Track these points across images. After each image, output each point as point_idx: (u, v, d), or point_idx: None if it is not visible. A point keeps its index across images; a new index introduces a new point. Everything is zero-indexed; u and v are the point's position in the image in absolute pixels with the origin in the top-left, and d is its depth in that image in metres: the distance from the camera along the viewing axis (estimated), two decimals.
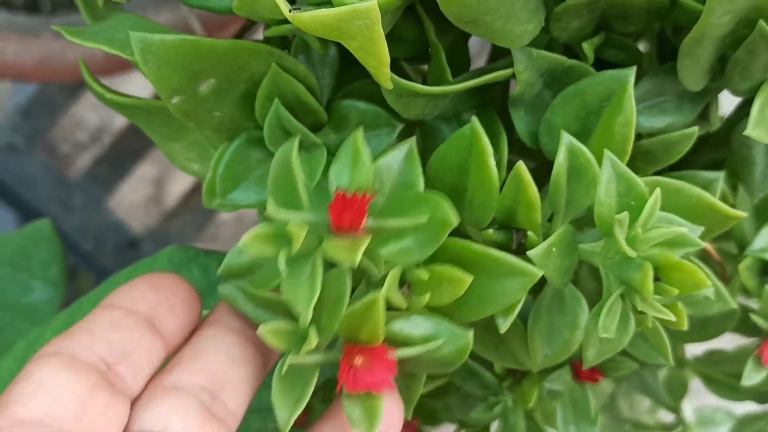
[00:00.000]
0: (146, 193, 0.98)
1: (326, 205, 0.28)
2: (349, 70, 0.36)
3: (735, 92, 0.34)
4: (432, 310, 0.31)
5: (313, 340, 0.28)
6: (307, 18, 0.26)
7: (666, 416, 0.57)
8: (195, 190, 0.98)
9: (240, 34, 0.37)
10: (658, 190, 0.30)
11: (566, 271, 0.32)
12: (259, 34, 0.37)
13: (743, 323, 0.44)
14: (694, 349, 0.52)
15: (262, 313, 0.31)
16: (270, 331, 0.28)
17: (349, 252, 0.27)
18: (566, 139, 0.31)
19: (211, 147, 0.37)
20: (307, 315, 0.27)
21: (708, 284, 0.29)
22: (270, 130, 0.33)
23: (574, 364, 0.43)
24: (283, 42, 0.35)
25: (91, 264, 0.92)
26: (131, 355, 0.30)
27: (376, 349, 0.28)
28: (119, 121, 0.98)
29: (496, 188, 0.32)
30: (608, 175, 0.31)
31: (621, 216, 0.30)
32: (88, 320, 0.30)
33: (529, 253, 0.30)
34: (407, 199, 0.30)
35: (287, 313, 0.29)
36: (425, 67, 0.41)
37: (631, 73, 0.32)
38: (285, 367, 0.28)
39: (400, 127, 0.34)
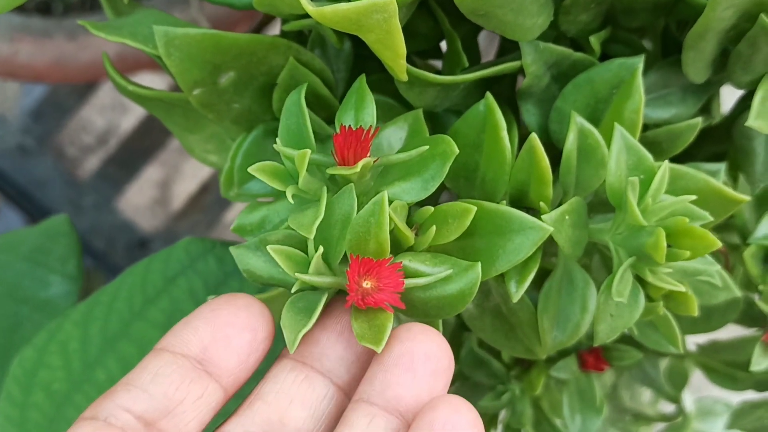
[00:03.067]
0: (152, 195, 0.99)
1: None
2: (362, 65, 0.37)
3: (737, 85, 0.35)
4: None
5: (319, 250, 0.28)
6: (328, 12, 0.27)
7: (666, 407, 0.58)
8: (202, 192, 0.99)
9: (257, 30, 0.38)
10: (666, 163, 0.31)
11: (577, 243, 0.33)
12: (272, 31, 0.38)
13: (744, 314, 0.45)
14: (693, 341, 0.53)
15: (275, 263, 0.30)
16: (279, 251, 0.28)
17: (351, 169, 0.28)
18: (577, 119, 0.32)
19: (229, 139, 0.38)
20: (310, 233, 0.28)
21: (719, 244, 0.30)
22: None
23: (581, 354, 0.44)
24: (299, 37, 0.36)
25: (103, 263, 0.93)
26: (177, 407, 0.28)
27: (383, 262, 0.28)
28: (125, 125, 0.99)
29: (508, 161, 0.32)
30: (619, 146, 0.31)
31: (633, 179, 0.30)
32: (133, 373, 0.29)
33: (543, 216, 0.31)
34: (412, 144, 0.31)
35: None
36: (430, 62, 0.42)
37: (640, 60, 0.33)
38: (296, 287, 0.29)
39: None
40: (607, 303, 0.31)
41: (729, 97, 0.41)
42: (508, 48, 0.41)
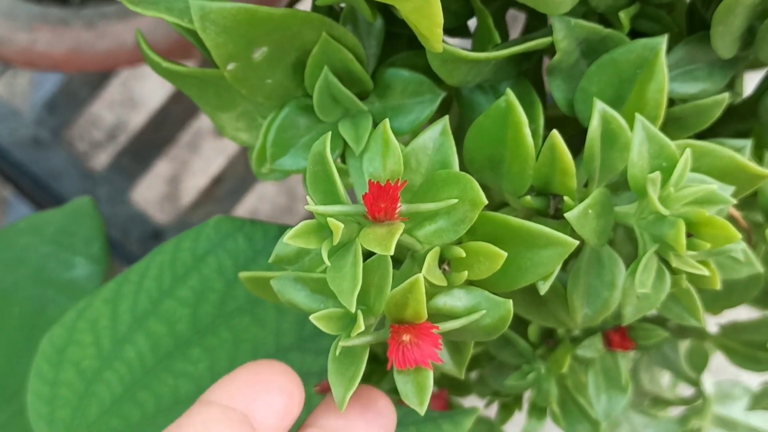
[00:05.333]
0: (163, 191, 0.99)
1: (362, 194, 0.30)
2: (392, 43, 0.38)
3: (765, 60, 0.35)
4: (473, 283, 0.32)
5: (361, 324, 0.29)
6: None
7: (686, 390, 0.58)
8: (215, 183, 1.00)
9: (290, 5, 0.38)
10: (688, 150, 0.32)
11: (602, 232, 0.33)
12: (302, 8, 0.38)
13: (765, 294, 0.45)
14: (715, 322, 0.53)
15: (315, 298, 0.32)
16: (320, 318, 0.30)
17: (384, 242, 0.28)
18: (599, 106, 0.32)
19: (260, 117, 0.38)
20: (351, 306, 0.29)
21: (739, 237, 0.31)
22: (319, 97, 0.35)
23: (607, 333, 0.45)
24: (331, 13, 0.37)
25: (119, 252, 0.94)
26: None
27: (421, 326, 0.30)
28: (135, 121, 0.99)
29: (532, 158, 0.33)
30: (640, 137, 0.32)
31: (653, 175, 0.31)
32: (183, 420, 0.30)
33: (566, 215, 0.31)
34: (440, 179, 0.31)
35: None
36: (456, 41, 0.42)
37: (663, 40, 0.33)
38: (338, 350, 0.30)
39: (442, 94, 0.36)
40: (633, 287, 0.32)
41: (751, 77, 0.41)
42: (534, 26, 0.41)
